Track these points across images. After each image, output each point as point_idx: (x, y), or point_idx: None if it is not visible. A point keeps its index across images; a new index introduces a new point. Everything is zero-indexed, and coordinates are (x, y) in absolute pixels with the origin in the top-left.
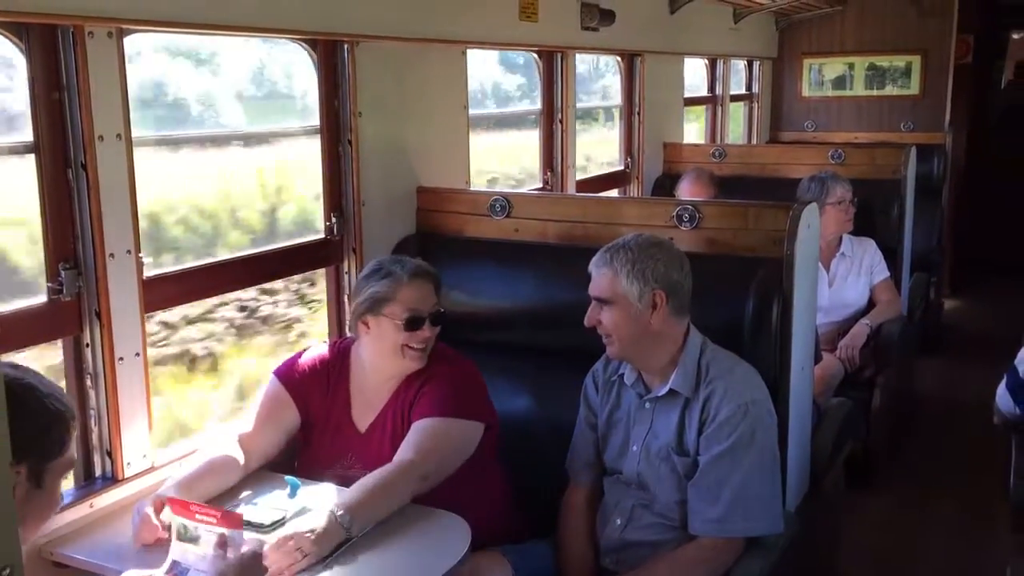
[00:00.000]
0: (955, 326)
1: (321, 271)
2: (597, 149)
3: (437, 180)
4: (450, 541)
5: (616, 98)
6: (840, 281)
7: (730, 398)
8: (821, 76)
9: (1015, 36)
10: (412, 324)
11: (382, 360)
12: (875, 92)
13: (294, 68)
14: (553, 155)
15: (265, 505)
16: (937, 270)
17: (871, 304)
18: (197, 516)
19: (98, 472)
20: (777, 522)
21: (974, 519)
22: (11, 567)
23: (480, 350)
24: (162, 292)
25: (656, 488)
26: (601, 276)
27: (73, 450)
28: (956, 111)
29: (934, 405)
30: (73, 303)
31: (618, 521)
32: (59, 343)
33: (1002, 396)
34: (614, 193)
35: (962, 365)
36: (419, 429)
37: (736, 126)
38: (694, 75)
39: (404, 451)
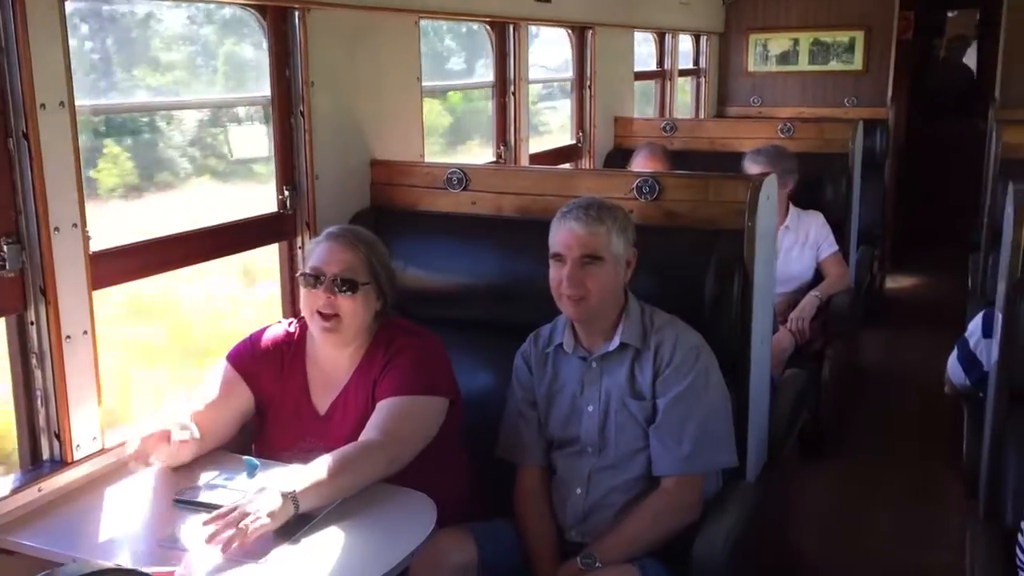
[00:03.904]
0: (896, 298)
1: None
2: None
3: (391, 153)
4: (416, 520)
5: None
6: (785, 254)
7: (681, 342)
8: (766, 51)
9: (950, 14)
10: (305, 280)
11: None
12: (819, 67)
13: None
14: (506, 128)
15: (224, 487)
16: (880, 243)
17: (817, 277)
18: None
19: (46, 455)
20: (734, 455)
21: (924, 487)
22: None
23: (438, 326)
24: (110, 267)
25: (616, 442)
26: (591, 234)
27: None
28: (898, 87)
29: (880, 375)
30: (16, 279)
31: (578, 491)
32: (2, 321)
33: (953, 367)
34: (567, 167)
35: (904, 336)
36: (385, 409)
37: (683, 101)
38: (640, 50)
39: (369, 431)
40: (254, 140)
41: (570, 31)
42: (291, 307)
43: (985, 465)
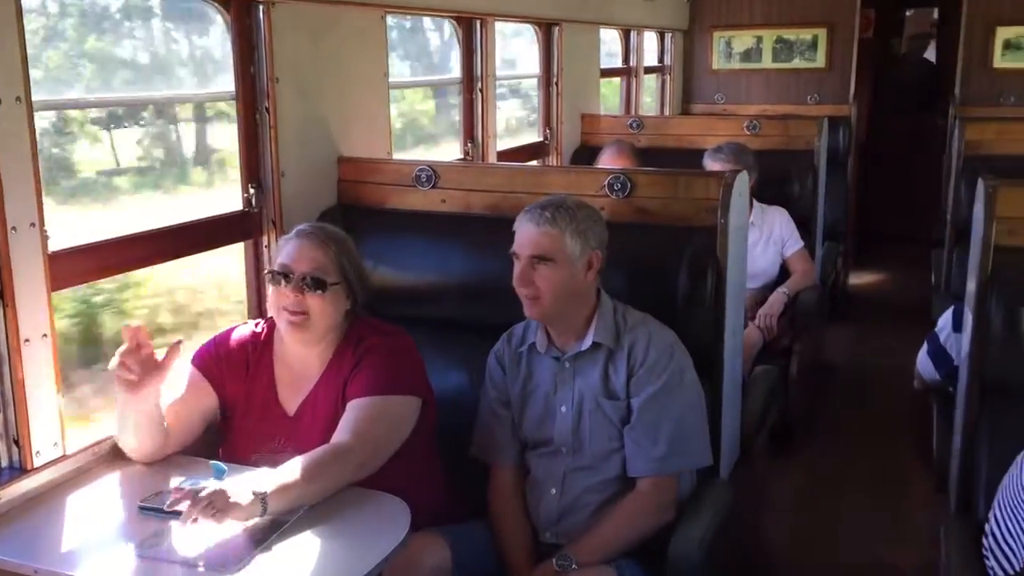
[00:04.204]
0: (859, 294)
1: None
2: None
3: (359, 150)
4: (389, 524)
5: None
6: (750, 250)
7: (655, 342)
8: (730, 49)
9: (908, 13)
10: (273, 278)
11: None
12: (783, 65)
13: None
14: (474, 125)
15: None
16: (844, 240)
17: (782, 273)
18: None
19: (4, 462)
20: (709, 454)
21: (893, 481)
22: None
23: (409, 325)
24: (70, 268)
25: (590, 443)
26: (544, 234)
27: None
28: (860, 84)
29: (845, 371)
30: None
31: (553, 491)
32: None
33: (923, 362)
34: (536, 164)
35: (868, 331)
36: (355, 409)
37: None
38: (605, 48)
39: (340, 433)
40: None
41: (537, 27)
42: (257, 307)
43: (956, 460)
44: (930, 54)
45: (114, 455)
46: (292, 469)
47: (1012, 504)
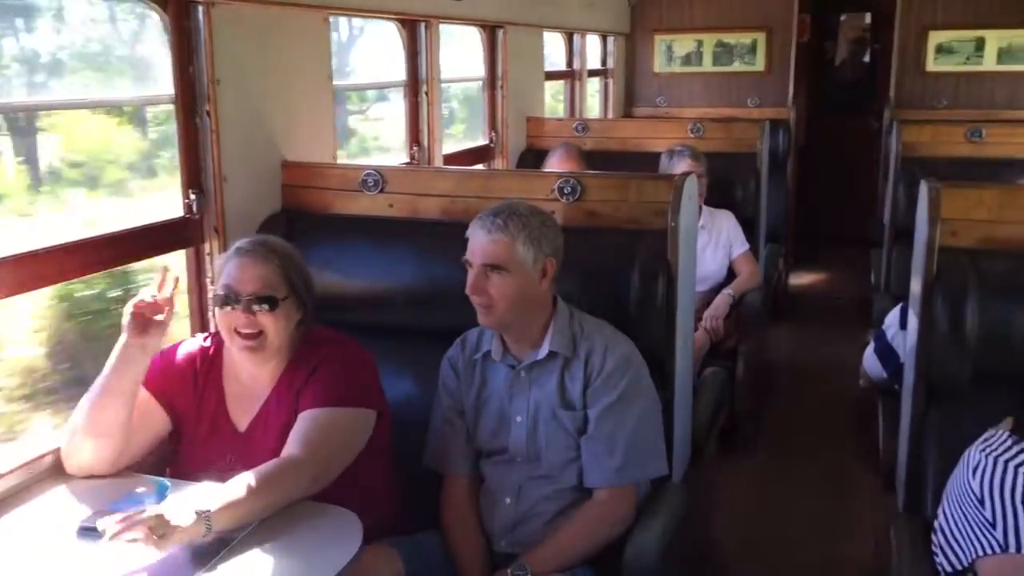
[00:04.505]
0: (799, 294)
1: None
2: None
3: (303, 154)
4: (341, 538)
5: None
6: (699, 253)
7: (612, 350)
8: (672, 52)
9: (843, 18)
10: (220, 301)
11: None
12: (723, 68)
13: None
14: (419, 129)
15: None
16: (784, 241)
17: (730, 275)
18: None
19: None
20: (665, 463)
21: (839, 479)
22: None
23: (357, 332)
24: None
25: (546, 453)
26: (495, 242)
27: None
28: (798, 87)
29: (788, 371)
30: None
31: (508, 500)
32: None
33: (870, 360)
34: (481, 168)
35: (809, 331)
36: (307, 421)
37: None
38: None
39: (291, 446)
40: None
41: (481, 30)
42: (199, 317)
43: (903, 457)
44: (864, 58)
45: (54, 472)
46: (239, 484)
47: (959, 500)
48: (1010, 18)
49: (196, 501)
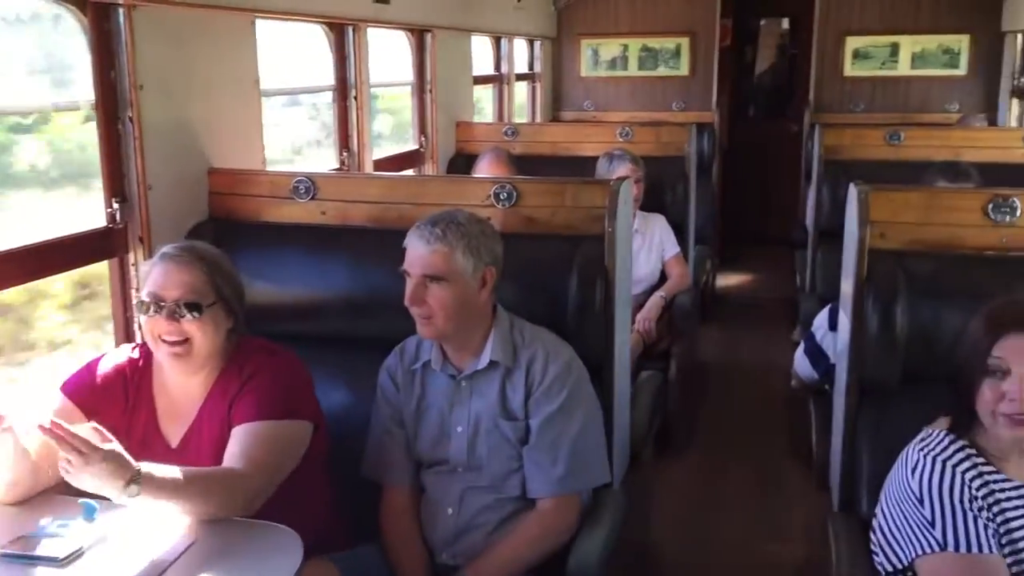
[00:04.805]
0: (725, 296)
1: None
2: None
3: (230, 161)
4: (281, 556)
5: None
6: (634, 257)
7: (553, 358)
8: (598, 57)
9: (762, 23)
10: (144, 308)
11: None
12: (649, 73)
13: None
14: (349, 134)
15: (59, 535)
16: (712, 243)
17: (662, 279)
18: None
19: None
20: (608, 471)
21: (771, 479)
22: None
23: (291, 342)
24: None
25: (488, 463)
26: (434, 252)
27: None
28: (721, 91)
29: (718, 372)
30: None
31: (449, 511)
32: None
33: (800, 361)
34: (410, 173)
35: (737, 332)
36: (245, 436)
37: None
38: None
39: (231, 461)
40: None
41: (410, 34)
42: (124, 330)
43: (837, 457)
44: (783, 63)
45: None
46: (180, 470)
47: (899, 500)
48: (922, 24)
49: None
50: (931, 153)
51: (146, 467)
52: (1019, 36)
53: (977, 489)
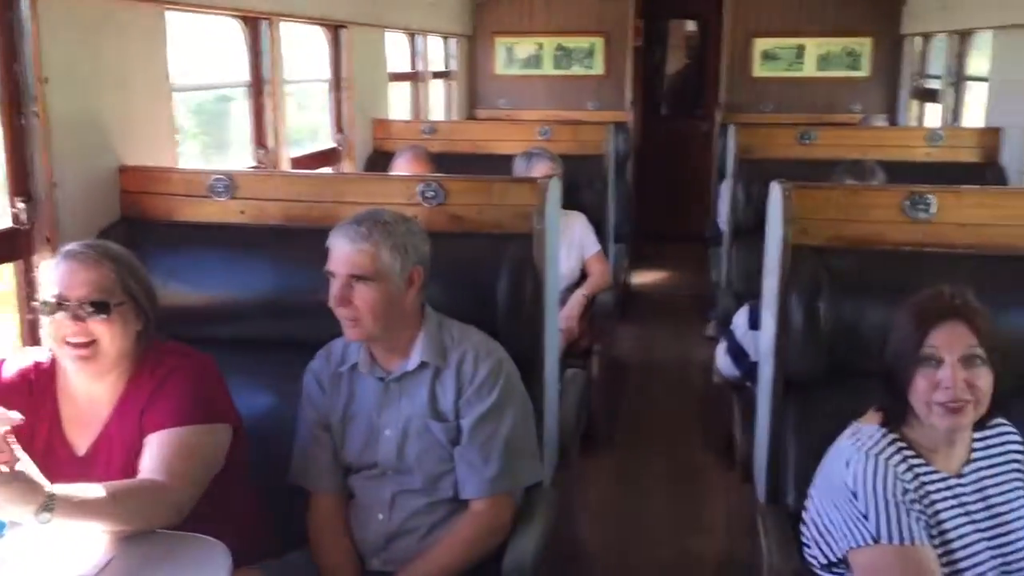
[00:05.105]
0: (640, 293)
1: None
2: None
3: (143, 158)
4: (209, 569)
5: None
6: None
7: (483, 358)
8: (512, 55)
9: (671, 24)
10: (47, 308)
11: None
12: (563, 72)
13: None
14: (264, 131)
15: None
16: (628, 241)
17: (582, 277)
18: None
19: None
20: (540, 470)
21: (694, 473)
22: None
23: (209, 346)
24: None
25: (419, 466)
26: (359, 251)
27: None
28: (634, 92)
29: (636, 368)
30: None
31: (380, 516)
32: None
33: (722, 359)
34: (327, 171)
35: (653, 328)
36: (162, 444)
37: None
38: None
39: (150, 471)
40: None
41: (325, 29)
42: (30, 337)
43: (763, 451)
44: (692, 63)
45: None
46: (97, 487)
47: (832, 494)
48: (827, 27)
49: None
50: (841, 152)
51: (60, 490)
52: (917, 39)
53: (909, 482)
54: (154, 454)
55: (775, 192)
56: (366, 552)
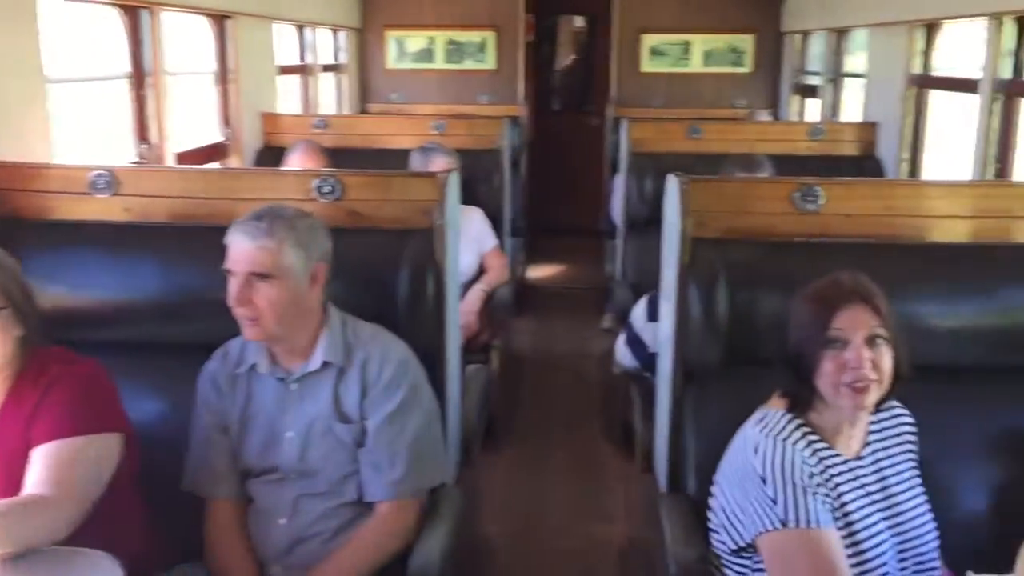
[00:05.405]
0: (535, 286)
1: None
2: None
3: (14, 154)
4: None
5: None
6: None
7: (389, 358)
8: (404, 49)
9: (560, 20)
10: None
11: None
12: (455, 66)
13: None
14: (147, 125)
15: None
16: (524, 235)
17: (480, 271)
18: None
19: None
20: (447, 470)
21: (595, 465)
22: None
23: (94, 351)
24: None
25: (323, 469)
26: (260, 248)
27: None
28: (526, 86)
29: (536, 362)
30: None
31: (281, 521)
32: None
33: (621, 350)
34: (216, 167)
35: (549, 322)
36: (49, 457)
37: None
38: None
39: (38, 486)
40: None
41: (210, 20)
42: None
43: (664, 440)
44: (580, 58)
45: None
46: None
47: (741, 479)
48: (712, 24)
49: None
50: (729, 146)
51: None
52: (797, 37)
53: (814, 466)
54: (40, 468)
55: (672, 185)
56: (267, 558)
